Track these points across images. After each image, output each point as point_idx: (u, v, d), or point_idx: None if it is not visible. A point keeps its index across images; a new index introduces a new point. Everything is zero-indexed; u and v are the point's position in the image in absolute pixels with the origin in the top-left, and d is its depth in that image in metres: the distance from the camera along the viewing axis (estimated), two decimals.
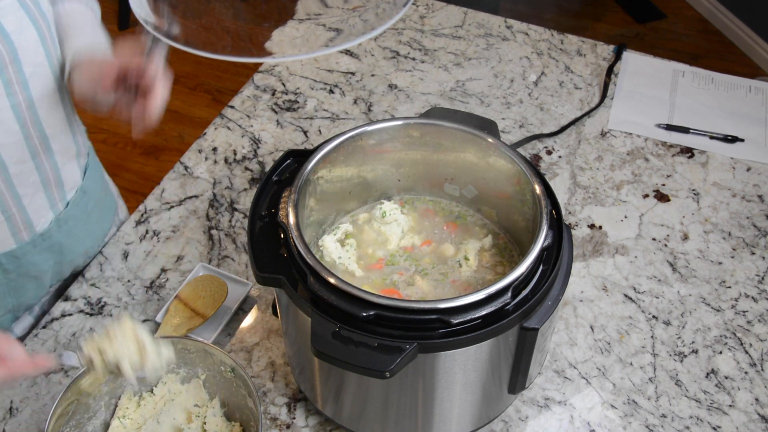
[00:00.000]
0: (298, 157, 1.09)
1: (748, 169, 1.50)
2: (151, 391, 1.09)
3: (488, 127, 1.13)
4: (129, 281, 1.29)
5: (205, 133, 1.56)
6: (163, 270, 1.30)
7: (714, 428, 1.12)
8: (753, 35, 3.39)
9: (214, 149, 1.52)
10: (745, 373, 1.19)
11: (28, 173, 1.09)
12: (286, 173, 1.08)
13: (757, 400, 1.16)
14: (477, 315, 0.89)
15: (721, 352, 1.21)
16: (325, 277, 0.91)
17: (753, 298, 1.29)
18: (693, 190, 1.46)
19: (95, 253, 1.32)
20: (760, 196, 1.45)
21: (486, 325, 0.90)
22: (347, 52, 1.73)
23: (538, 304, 0.94)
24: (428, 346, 0.89)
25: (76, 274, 1.31)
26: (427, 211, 1.20)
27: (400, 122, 1.12)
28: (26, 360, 0.88)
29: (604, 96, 1.63)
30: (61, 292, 1.30)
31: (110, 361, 0.91)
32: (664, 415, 1.13)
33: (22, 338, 1.24)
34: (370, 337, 0.88)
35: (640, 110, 1.61)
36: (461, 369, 0.95)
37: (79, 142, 1.21)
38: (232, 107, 1.62)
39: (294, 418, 1.12)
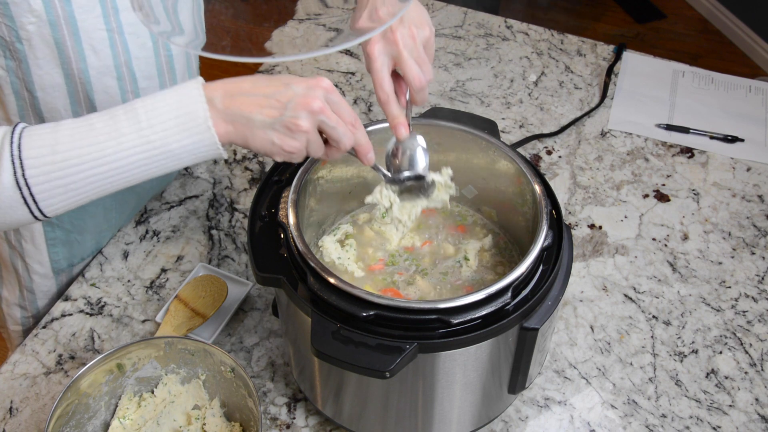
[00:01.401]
0: None
1: (748, 169, 1.50)
2: (152, 392, 1.09)
3: (488, 127, 1.13)
4: (129, 281, 1.29)
5: None
6: (163, 270, 1.30)
7: (714, 428, 1.12)
8: (753, 35, 3.39)
9: None
10: (745, 373, 1.19)
11: (154, 90, 1.11)
12: (286, 173, 1.08)
13: (757, 400, 1.16)
14: (477, 315, 0.89)
15: (721, 352, 1.21)
16: (325, 277, 0.91)
17: (753, 298, 1.29)
18: (693, 190, 1.46)
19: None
20: (760, 196, 1.45)
21: (486, 325, 0.90)
22: (347, 52, 1.73)
23: (538, 304, 0.94)
24: (428, 346, 0.89)
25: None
26: (427, 211, 1.20)
27: None
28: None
29: (604, 96, 1.63)
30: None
31: None
32: (664, 415, 1.13)
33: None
34: (370, 337, 0.88)
35: (640, 110, 1.61)
36: (461, 369, 0.95)
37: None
38: None
39: (294, 418, 1.12)
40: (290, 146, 0.84)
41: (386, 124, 1.11)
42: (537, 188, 1.03)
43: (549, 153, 1.52)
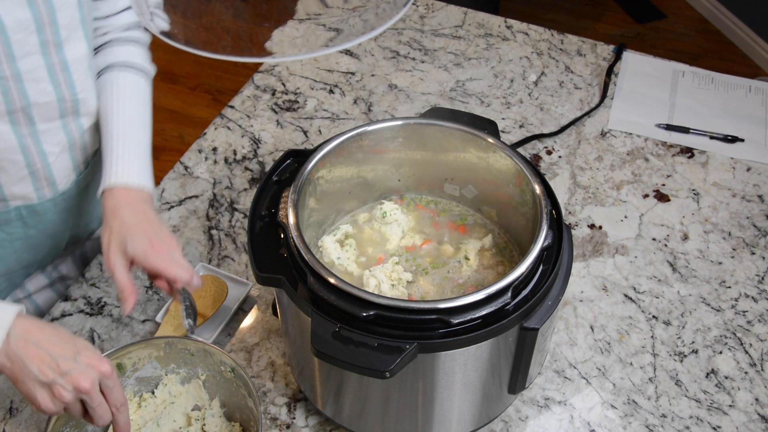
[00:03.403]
0: (298, 157, 1.09)
1: (748, 169, 1.50)
2: (152, 392, 1.09)
3: (488, 127, 1.13)
4: None
5: (205, 133, 1.56)
6: None
7: (714, 428, 1.12)
8: (753, 35, 3.39)
9: (214, 149, 1.52)
10: (745, 373, 1.19)
11: (56, 132, 1.11)
12: (286, 173, 1.08)
13: (757, 400, 1.16)
14: (477, 315, 0.89)
15: (721, 352, 1.21)
16: (325, 277, 0.91)
17: (753, 298, 1.29)
18: (693, 190, 1.46)
19: None
20: (760, 196, 1.45)
21: (486, 325, 0.90)
22: (347, 52, 1.73)
23: (538, 304, 0.94)
24: (428, 346, 0.89)
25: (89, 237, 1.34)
26: (427, 211, 1.20)
27: (400, 122, 1.12)
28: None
29: (604, 96, 1.63)
30: (80, 258, 1.34)
31: None
32: (664, 415, 1.13)
33: (41, 309, 1.28)
34: (370, 337, 0.88)
35: (640, 110, 1.61)
36: (461, 369, 0.95)
37: None
38: (232, 107, 1.62)
39: (294, 418, 1.12)
40: (47, 407, 0.90)
41: (386, 124, 1.11)
42: (537, 188, 1.03)
43: (549, 153, 1.52)
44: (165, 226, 1.06)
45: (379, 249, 1.14)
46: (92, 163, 1.23)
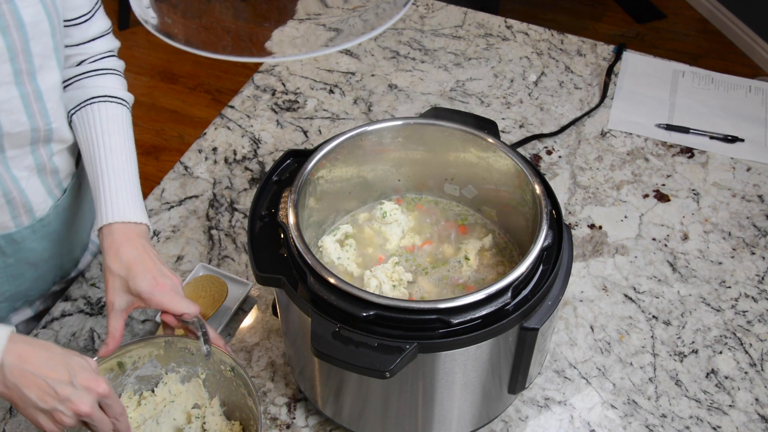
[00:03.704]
0: (298, 157, 1.09)
1: (748, 169, 1.50)
2: (152, 390, 1.09)
3: (488, 127, 1.13)
4: None
5: (205, 133, 1.56)
6: None
7: (714, 428, 1.12)
8: (753, 35, 3.39)
9: (214, 149, 1.52)
10: (745, 373, 1.19)
11: (24, 157, 1.09)
12: (286, 173, 1.08)
13: (757, 400, 1.16)
14: (477, 315, 0.89)
15: (721, 352, 1.21)
16: (325, 277, 0.91)
17: (753, 298, 1.29)
18: (693, 190, 1.46)
19: (97, 247, 1.33)
20: (760, 196, 1.45)
21: (486, 325, 0.90)
22: (347, 52, 1.73)
23: (538, 304, 0.94)
24: (428, 346, 0.89)
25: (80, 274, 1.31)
26: (427, 211, 1.20)
27: (400, 122, 1.12)
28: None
29: (604, 96, 1.63)
30: (62, 291, 1.30)
31: None
32: (664, 415, 1.13)
33: (20, 330, 1.24)
34: (370, 337, 0.88)
35: (640, 110, 1.61)
36: (461, 369, 0.95)
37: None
38: (232, 107, 1.62)
39: (294, 418, 1.12)
40: (51, 429, 0.91)
41: (386, 124, 1.11)
42: (537, 188, 1.03)
43: (549, 153, 1.52)
44: (164, 261, 1.07)
45: (379, 249, 1.14)
46: (69, 189, 1.21)
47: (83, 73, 1.17)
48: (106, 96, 1.16)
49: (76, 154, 1.23)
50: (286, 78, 1.68)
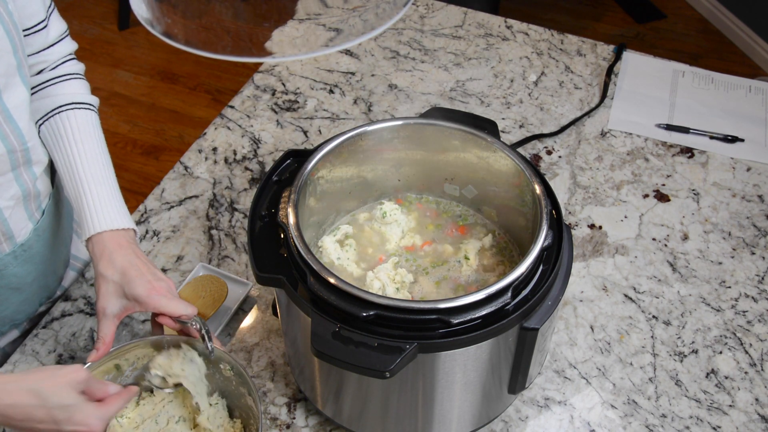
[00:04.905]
0: (298, 157, 1.09)
1: (748, 169, 1.50)
2: (151, 391, 1.09)
3: (488, 127, 1.13)
4: None
5: (205, 133, 1.56)
6: (163, 270, 1.30)
7: (714, 428, 1.12)
8: (753, 35, 3.39)
9: (214, 149, 1.52)
10: (745, 373, 1.19)
11: (8, 185, 1.07)
12: (286, 173, 1.08)
13: (757, 400, 1.16)
14: (477, 315, 0.89)
15: (721, 352, 1.21)
16: (325, 277, 0.91)
17: (753, 298, 1.29)
18: (693, 190, 1.46)
19: (83, 261, 1.32)
20: (760, 196, 1.45)
21: (486, 325, 0.90)
22: (347, 52, 1.73)
23: (538, 304, 0.94)
24: (428, 346, 0.89)
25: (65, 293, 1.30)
26: (427, 211, 1.20)
27: (400, 122, 1.12)
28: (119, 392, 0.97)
29: (604, 96, 1.63)
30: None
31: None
32: (664, 415, 1.13)
33: (8, 354, 1.23)
34: (370, 337, 0.88)
35: (640, 110, 1.61)
36: (461, 369, 0.95)
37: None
38: (232, 107, 1.62)
39: (294, 418, 1.12)
40: None
41: (386, 124, 1.11)
42: (537, 188, 1.03)
43: (549, 153, 1.52)
44: (155, 264, 1.06)
45: (379, 249, 1.14)
46: (47, 210, 1.18)
47: (46, 82, 1.15)
48: (73, 103, 1.14)
49: (50, 172, 1.20)
50: (286, 78, 1.68)
